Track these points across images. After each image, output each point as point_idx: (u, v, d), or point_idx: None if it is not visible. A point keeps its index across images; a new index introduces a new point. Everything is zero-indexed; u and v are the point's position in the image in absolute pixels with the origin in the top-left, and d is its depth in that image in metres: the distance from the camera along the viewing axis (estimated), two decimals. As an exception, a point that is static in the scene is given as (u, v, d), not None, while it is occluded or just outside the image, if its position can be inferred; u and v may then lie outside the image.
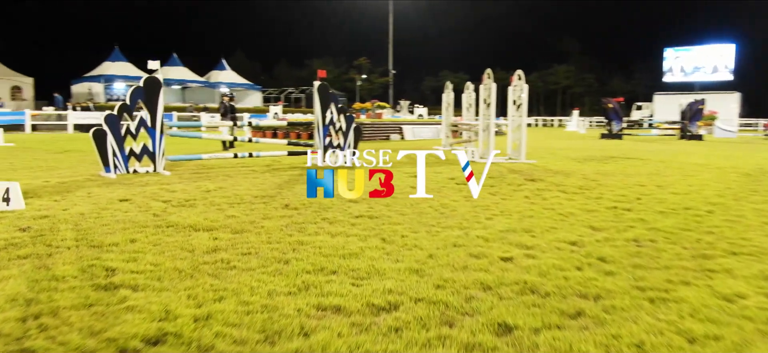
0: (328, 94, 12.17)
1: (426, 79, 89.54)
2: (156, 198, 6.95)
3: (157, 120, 10.08)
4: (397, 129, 25.14)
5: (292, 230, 5.09)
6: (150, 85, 10.03)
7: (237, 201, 6.76)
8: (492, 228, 5.24)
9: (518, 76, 13.60)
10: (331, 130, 12.30)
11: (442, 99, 18.79)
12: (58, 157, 13.29)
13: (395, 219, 5.67)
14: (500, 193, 7.72)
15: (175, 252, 4.23)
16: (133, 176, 9.40)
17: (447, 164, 12.12)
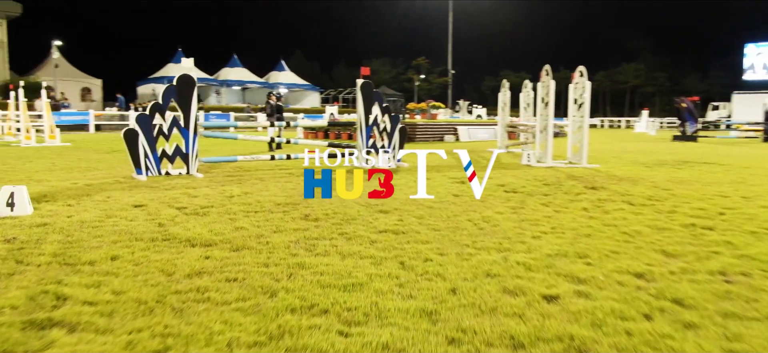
0: (372, 93, 11.45)
1: (486, 79, 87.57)
2: (172, 205, 6.42)
3: (190, 120, 9.65)
4: (452, 130, 24.17)
5: (299, 248, 4.37)
6: (183, 84, 9.60)
7: (255, 210, 6.13)
8: (538, 250, 4.33)
9: (580, 72, 12.44)
10: (374, 131, 11.59)
11: (498, 98, 17.72)
12: (104, 157, 13.20)
13: (424, 235, 4.85)
14: (554, 204, 6.74)
15: (150, 275, 3.58)
16: (163, 179, 8.98)
17: (499, 168, 11.14)
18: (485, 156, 14.47)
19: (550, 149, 12.09)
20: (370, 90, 11.42)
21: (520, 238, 4.79)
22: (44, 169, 10.54)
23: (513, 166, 11.71)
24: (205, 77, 50.35)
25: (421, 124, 23.21)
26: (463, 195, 7.36)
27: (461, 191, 7.77)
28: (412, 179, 9.08)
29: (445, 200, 6.95)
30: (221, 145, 15.98)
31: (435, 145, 19.62)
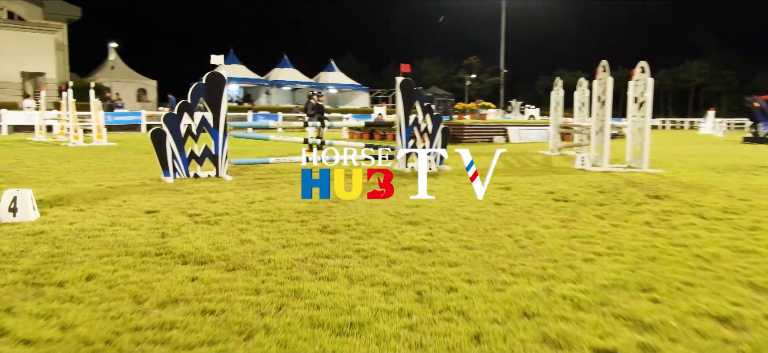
0: (413, 91, 10.76)
1: (540, 78, 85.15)
2: (185, 211, 5.93)
3: (220, 120, 9.22)
4: (502, 131, 23.16)
5: (303, 269, 3.73)
6: (212, 82, 9.18)
7: (271, 219, 5.55)
8: (590, 279, 3.54)
9: (641, 68, 11.36)
10: (414, 132, 10.89)
11: (551, 98, 16.69)
12: (141, 158, 13.02)
13: (453, 255, 4.13)
14: (611, 217, 5.86)
15: (117, 303, 3.03)
16: (189, 181, 8.58)
17: (549, 173, 10.23)
18: (536, 160, 13.53)
19: (607, 152, 11.07)
20: (411, 88, 10.73)
21: (569, 261, 4.00)
22: (77, 169, 10.36)
23: (565, 170, 10.77)
24: (256, 78, 50.85)
25: (468, 124, 22.33)
26: (506, 204, 6.58)
27: (504, 199, 6.98)
28: (452, 184, 8.35)
29: (484, 210, 6.18)
30: (258, 147, 15.65)
31: (483, 147, 18.73)
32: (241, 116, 35.87)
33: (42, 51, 35.09)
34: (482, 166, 11.35)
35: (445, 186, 8.23)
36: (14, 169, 10.36)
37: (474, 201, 6.75)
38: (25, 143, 18.91)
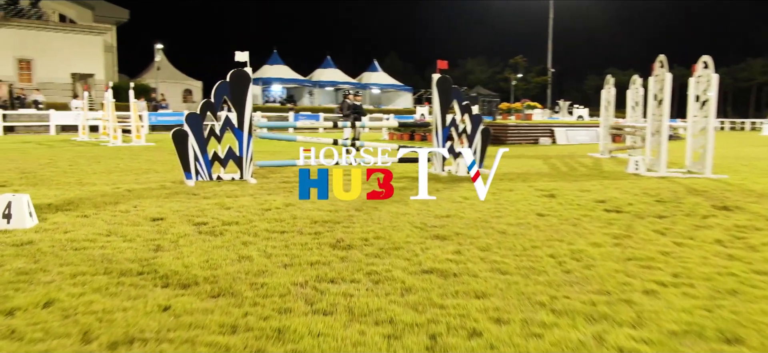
0: (450, 89, 10.05)
1: (589, 78, 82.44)
2: (193, 219, 5.43)
3: (244, 120, 8.75)
4: (548, 132, 22.09)
5: (298, 297, 3.13)
6: (237, 80, 8.71)
7: (283, 230, 4.98)
8: (654, 321, 2.79)
9: (704, 63, 10.31)
10: (452, 133, 10.18)
11: (601, 96, 15.64)
12: (172, 159, 12.70)
13: (482, 281, 3.43)
14: (673, 232, 5.03)
15: (59, 343, 2.49)
16: (210, 185, 8.14)
17: (599, 178, 9.35)
18: (584, 163, 12.59)
19: (665, 155, 10.08)
20: (448, 86, 10.02)
21: (626, 293, 3.25)
22: (104, 170, 10.10)
23: (617, 175, 9.85)
24: (299, 78, 50.93)
25: (512, 125, 21.37)
26: (550, 215, 5.81)
27: (548, 208, 6.21)
28: (490, 189, 7.61)
29: (523, 221, 5.44)
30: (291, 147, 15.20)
31: (527, 149, 17.80)
32: (282, 116, 35.82)
33: (91, 53, 35.91)
34: (522, 170, 10.54)
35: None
36: (42, 169, 10.19)
37: (513, 211, 6.01)
38: (67, 143, 19.09)
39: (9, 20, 33.50)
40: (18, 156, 13.18)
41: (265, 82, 48.72)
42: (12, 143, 18.77)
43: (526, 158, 13.90)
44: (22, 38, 34.05)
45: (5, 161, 11.74)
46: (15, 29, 33.84)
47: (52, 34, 35.28)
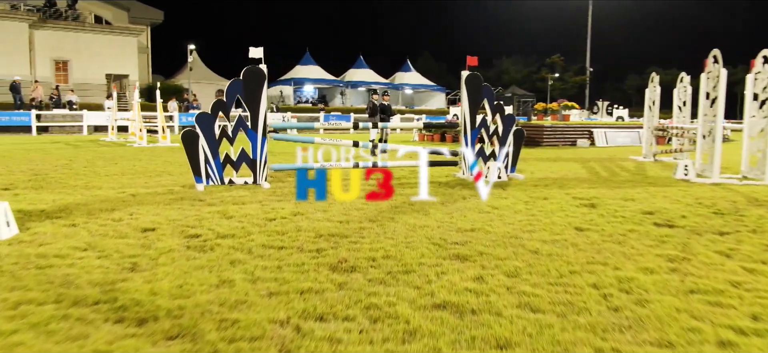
0: (481, 87, 9.33)
1: (629, 77, 79.81)
2: (187, 230, 4.89)
3: (258, 120, 8.21)
4: (586, 133, 21.05)
5: (273, 341, 2.49)
6: (250, 78, 8.17)
7: (282, 245, 4.38)
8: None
9: (764, 57, 9.33)
10: (482, 134, 9.45)
11: (645, 96, 14.62)
12: (192, 160, 12.34)
13: (506, 323, 2.74)
14: (741, 254, 4.23)
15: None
16: (220, 190, 7.62)
17: (644, 184, 8.48)
18: (626, 167, 11.67)
19: (718, 159, 9.13)
20: (478, 84, 9.30)
21: (695, 344, 2.51)
22: (116, 173, 9.71)
23: (664, 181, 8.96)
24: (331, 78, 50.62)
25: (548, 125, 20.40)
26: (591, 229, 5.06)
27: (588, 221, 5.45)
28: (522, 197, 6.87)
29: (560, 237, 4.70)
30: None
31: (564, 151, 16.87)
32: (313, 117, 35.47)
33: (125, 54, 36.24)
34: (558, 174, 9.73)
35: (513, 200, 6.76)
36: (55, 171, 9.87)
37: (548, 224, 5.28)
38: (93, 143, 19.01)
39: (46, 22, 34.03)
40: (39, 156, 12.99)
41: (297, 83, 48.57)
42: (40, 143, 18.79)
43: (563, 161, 13.03)
44: (59, 39, 34.57)
45: (24, 162, 11.51)
46: (52, 30, 34.38)
47: (88, 36, 35.74)
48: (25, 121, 25.76)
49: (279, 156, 12.85)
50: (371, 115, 14.58)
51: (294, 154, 13.29)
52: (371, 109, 14.52)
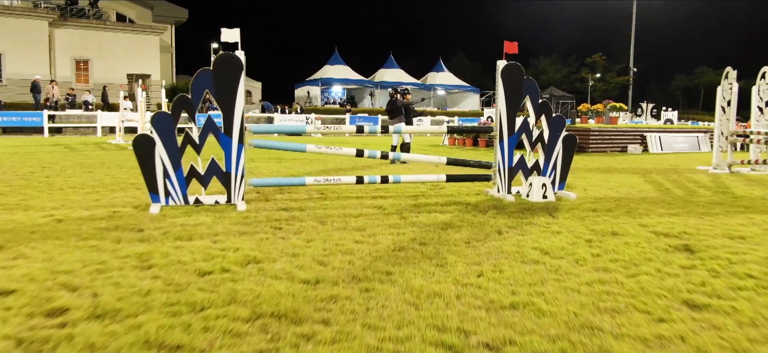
0: (522, 81, 7.35)
1: (676, 78, 75.53)
2: (56, 300, 3.09)
3: (234, 122, 6.40)
4: (639, 138, 18.71)
5: None
6: (223, 68, 6.36)
7: (178, 344, 2.51)
8: None
9: None
10: (523, 140, 7.45)
11: (717, 95, 12.31)
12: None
13: None
14: None
15: None
16: (181, 213, 5.84)
17: (739, 208, 6.33)
18: (700, 182, 9.44)
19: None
20: (519, 77, 7.31)
21: None
22: (77, 185, 8.06)
23: (761, 204, 6.79)
24: (360, 79, 48.90)
25: (595, 129, 18.12)
26: (713, 308, 3.03)
27: (701, 288, 3.42)
28: (582, 229, 4.85)
29: (667, 331, 2.69)
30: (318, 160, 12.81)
31: (615, 158, 14.63)
32: (338, 119, 33.77)
33: (148, 53, 35.21)
34: (620, 193, 7.63)
35: (570, 238, 4.75)
36: (13, 180, 8.30)
37: (636, 291, 3.28)
38: (96, 146, 17.60)
39: (66, 20, 33.20)
40: (17, 161, 11.50)
41: (325, 83, 47.01)
42: (39, 145, 17.46)
43: (619, 173, 10.87)
44: (80, 38, 33.73)
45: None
46: (73, 29, 33.56)
47: (109, 34, 34.83)
48: (37, 121, 24.73)
49: (274, 162, 11.02)
50: (391, 115, 12.67)
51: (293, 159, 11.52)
52: (390, 107, 12.61)
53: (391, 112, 12.56)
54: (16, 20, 30.97)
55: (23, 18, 30.94)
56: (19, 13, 31.03)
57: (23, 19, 30.95)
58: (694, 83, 67.95)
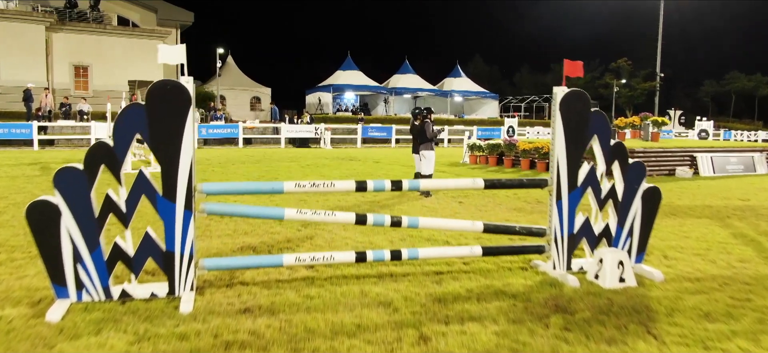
0: (588, 117, 5.28)
1: (705, 83, 72.06)
2: None
3: (177, 179, 4.43)
4: (687, 158, 16.46)
5: None
6: (161, 102, 4.39)
7: None
8: None
9: None
10: (588, 196, 5.39)
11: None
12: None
13: None
14: None
15: None
16: (104, 313, 3.87)
17: None
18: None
19: None
20: (583, 111, 5.26)
21: None
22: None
23: None
24: (374, 85, 46.94)
25: (639, 150, 15.87)
26: None
27: None
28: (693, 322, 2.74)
29: None
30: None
31: (665, 185, 12.41)
32: (350, 129, 31.79)
33: (150, 58, 33.49)
34: (718, 264, 5.37)
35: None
36: None
37: None
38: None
39: (64, 24, 31.59)
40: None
41: (337, 89, 45.09)
42: (11, 164, 15.62)
43: (688, 216, 8.74)
44: (79, 43, 32.10)
45: None
46: (72, 34, 31.94)
47: (110, 39, 33.18)
48: (26, 133, 23.04)
49: (239, 197, 8.96)
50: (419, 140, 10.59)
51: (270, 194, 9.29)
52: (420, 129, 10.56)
53: (420, 135, 10.54)
54: (11, 24, 29.40)
55: (18, 22, 29.34)
56: (14, 16, 29.44)
57: (18, 23, 29.35)
58: (724, 89, 64.90)
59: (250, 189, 4.91)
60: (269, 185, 4.79)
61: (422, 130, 10.50)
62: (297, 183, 4.73)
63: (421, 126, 10.53)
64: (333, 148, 28.27)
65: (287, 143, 28.36)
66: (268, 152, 23.53)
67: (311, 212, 4.82)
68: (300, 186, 4.74)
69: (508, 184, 5.45)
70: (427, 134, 10.38)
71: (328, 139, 28.41)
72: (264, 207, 5.54)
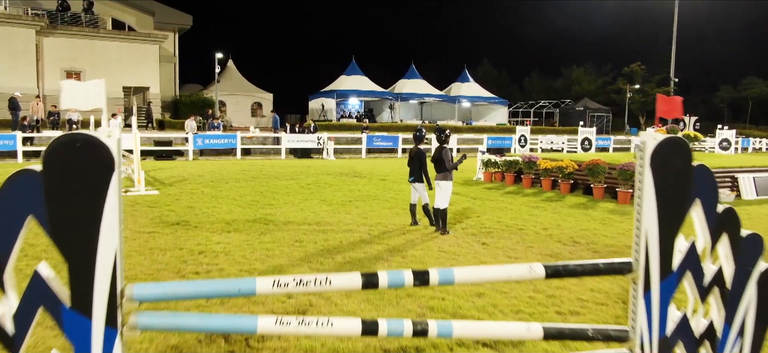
0: (690, 178, 3.74)
1: (721, 89, 69.94)
2: None
3: (94, 282, 2.93)
4: (728, 180, 14.89)
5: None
6: (66, 172, 2.87)
7: None
8: None
9: None
10: (685, 284, 3.85)
11: None
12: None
13: None
14: None
15: None
16: None
17: None
18: None
19: None
20: (682, 168, 3.72)
21: None
22: None
23: None
24: (379, 90, 45.48)
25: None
26: None
27: None
28: None
29: None
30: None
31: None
32: (354, 138, 30.31)
33: (146, 63, 32.14)
34: None
35: None
36: None
37: None
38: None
39: (56, 28, 30.23)
40: None
41: (341, 95, 43.62)
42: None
43: None
44: (71, 48, 30.74)
45: None
46: (63, 38, 30.57)
47: (104, 43, 31.81)
48: (10, 145, 21.66)
49: (208, 235, 7.44)
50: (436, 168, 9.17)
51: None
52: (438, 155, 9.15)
53: (438, 164, 9.12)
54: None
55: (7, 26, 27.97)
56: (2, 20, 28.08)
57: (7, 27, 27.98)
58: (741, 95, 63.02)
59: (205, 292, 3.39)
60: (235, 284, 3.26)
61: (440, 158, 9.03)
62: (275, 282, 3.22)
63: (439, 154, 9.08)
64: (336, 158, 26.85)
65: (288, 154, 26.92)
66: (267, 165, 22.09)
67: (297, 321, 3.30)
68: (279, 285, 3.23)
69: (577, 271, 3.92)
70: (446, 164, 8.92)
71: (331, 149, 26.96)
72: (229, 316, 4.02)
